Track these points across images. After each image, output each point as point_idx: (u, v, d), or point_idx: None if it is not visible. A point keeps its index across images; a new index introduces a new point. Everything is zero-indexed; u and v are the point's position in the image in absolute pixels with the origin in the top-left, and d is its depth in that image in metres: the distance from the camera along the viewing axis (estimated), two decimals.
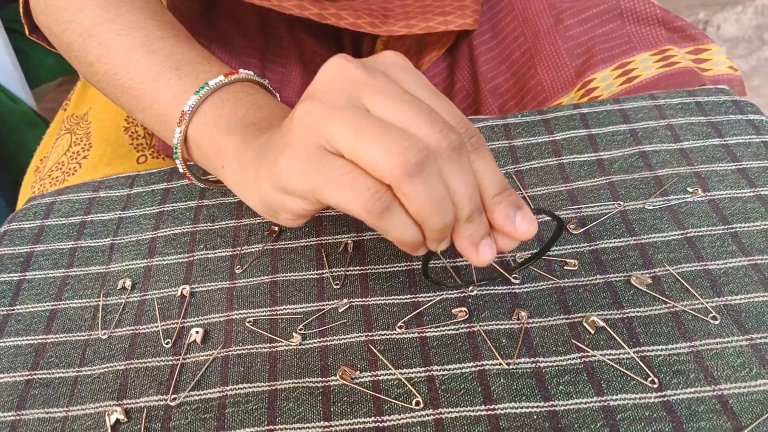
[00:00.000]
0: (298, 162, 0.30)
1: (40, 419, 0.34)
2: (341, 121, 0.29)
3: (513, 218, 0.31)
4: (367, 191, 0.28)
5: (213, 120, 0.38)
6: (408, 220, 0.30)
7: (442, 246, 0.32)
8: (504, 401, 0.32)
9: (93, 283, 0.40)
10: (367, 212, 0.29)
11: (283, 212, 0.33)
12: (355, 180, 0.29)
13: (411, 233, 0.30)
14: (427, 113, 0.29)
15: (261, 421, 0.33)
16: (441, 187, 0.29)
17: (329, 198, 0.29)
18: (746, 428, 0.30)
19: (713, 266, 0.37)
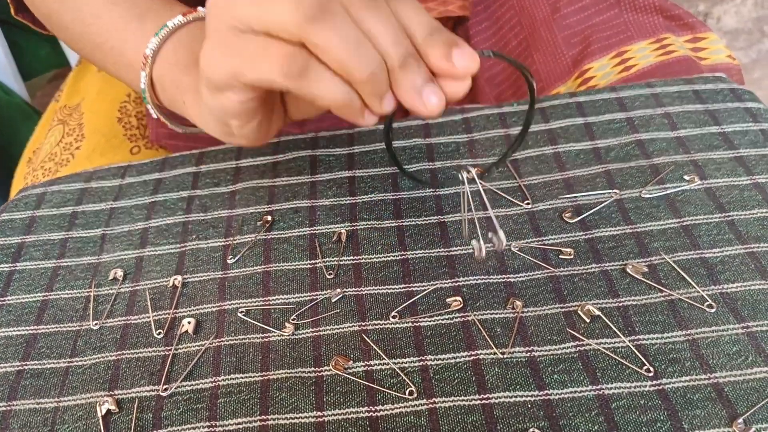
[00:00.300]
0: (215, 49, 0.30)
1: (31, 410, 0.33)
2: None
3: (450, 55, 0.29)
4: (281, 56, 0.28)
5: (173, 59, 0.38)
6: (333, 77, 0.29)
7: (385, 104, 0.30)
8: (498, 390, 0.32)
9: (84, 274, 0.40)
10: (286, 76, 0.28)
11: (231, 119, 0.33)
12: (267, 48, 0.28)
13: (340, 91, 0.29)
14: None
15: (253, 411, 0.32)
16: (353, 29, 0.28)
17: (249, 74, 0.29)
18: (741, 416, 0.30)
19: (710, 254, 0.36)
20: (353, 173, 0.44)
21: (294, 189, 0.43)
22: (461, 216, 0.38)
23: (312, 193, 0.43)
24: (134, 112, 0.59)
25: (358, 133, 0.47)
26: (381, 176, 0.43)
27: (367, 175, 0.44)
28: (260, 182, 0.44)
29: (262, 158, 0.46)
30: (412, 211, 0.41)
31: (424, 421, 0.31)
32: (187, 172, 0.46)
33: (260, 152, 0.46)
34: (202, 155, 0.47)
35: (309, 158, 0.45)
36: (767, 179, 0.39)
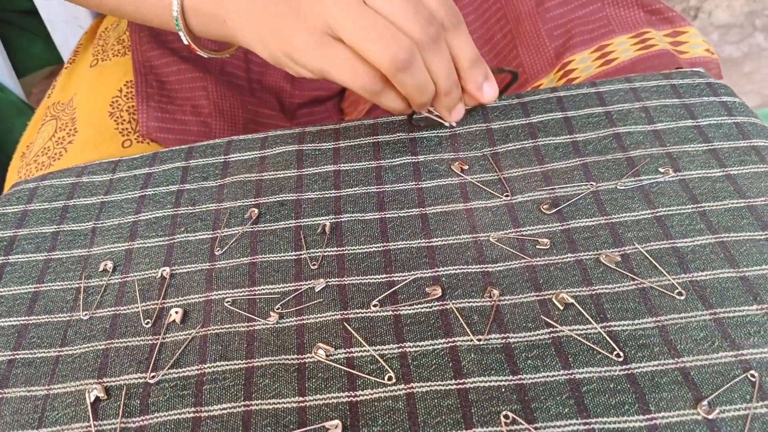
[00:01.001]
0: (309, 46, 0.36)
1: (22, 397, 0.35)
2: (342, 15, 0.35)
3: (482, 87, 0.40)
4: (365, 76, 0.36)
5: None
6: (398, 97, 0.38)
7: (423, 110, 0.41)
8: (473, 375, 0.33)
9: (75, 266, 0.41)
10: (365, 91, 0.37)
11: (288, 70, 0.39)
12: (356, 67, 0.36)
13: (400, 105, 0.39)
14: (413, 8, 0.35)
15: (237, 397, 0.33)
16: (424, 75, 0.37)
17: (334, 78, 0.37)
18: (706, 398, 0.31)
19: (681, 244, 0.37)
20: (338, 167, 0.45)
21: (280, 183, 0.44)
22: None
23: (298, 187, 0.44)
24: (125, 107, 0.60)
25: (344, 128, 0.48)
26: (365, 170, 0.44)
27: (352, 169, 0.45)
28: (248, 176, 0.45)
29: (250, 153, 0.47)
30: (394, 203, 0.42)
31: (401, 405, 0.32)
32: (176, 167, 0.47)
33: (248, 147, 0.47)
34: (191, 150, 0.48)
35: (296, 153, 0.46)
36: (739, 171, 0.41)
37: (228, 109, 0.58)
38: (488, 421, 0.31)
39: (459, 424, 0.31)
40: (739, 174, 0.40)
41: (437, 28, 0.36)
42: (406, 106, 0.39)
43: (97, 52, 0.65)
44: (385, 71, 0.35)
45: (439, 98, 0.39)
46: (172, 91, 0.59)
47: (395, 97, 0.38)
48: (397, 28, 0.35)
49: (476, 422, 0.31)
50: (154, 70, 0.59)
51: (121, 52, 0.63)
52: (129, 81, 0.61)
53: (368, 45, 0.35)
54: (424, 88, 0.37)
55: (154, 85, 0.58)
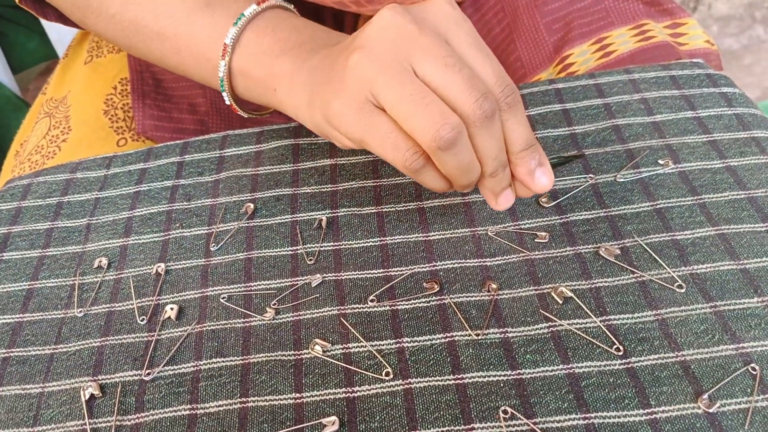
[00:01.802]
0: (349, 111, 0.33)
1: (16, 395, 0.34)
2: (388, 83, 0.31)
3: (533, 173, 0.35)
4: (406, 152, 0.33)
5: (258, 48, 0.39)
6: (439, 176, 0.34)
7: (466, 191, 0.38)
8: (472, 370, 0.33)
9: (69, 263, 0.41)
10: (406, 168, 0.33)
11: (333, 140, 0.37)
12: (397, 141, 0.33)
13: (441, 185, 0.35)
14: (467, 81, 0.31)
15: (234, 393, 0.33)
16: (470, 155, 0.33)
17: (373, 149, 0.33)
18: (707, 392, 0.30)
19: (681, 236, 0.37)
20: (335, 161, 0.44)
21: (276, 177, 0.44)
22: None
23: (294, 181, 0.43)
24: (120, 104, 0.59)
25: None
26: (362, 164, 0.44)
27: (349, 163, 0.44)
28: (243, 171, 0.45)
29: (246, 147, 0.46)
30: (391, 197, 0.42)
31: (399, 401, 0.32)
32: (171, 162, 0.46)
33: (244, 142, 0.47)
34: (186, 145, 0.47)
35: (292, 147, 0.46)
36: (739, 162, 0.40)
37: (224, 107, 0.58)
38: (487, 417, 0.31)
39: (458, 420, 0.31)
40: (740, 165, 0.40)
41: (492, 104, 0.32)
42: (447, 186, 0.35)
43: (92, 48, 0.65)
44: (426, 148, 0.32)
45: (484, 179, 0.35)
46: (169, 89, 0.58)
47: (436, 176, 0.34)
48: (447, 102, 0.32)
49: (475, 417, 0.31)
50: (149, 67, 0.58)
51: (116, 49, 0.63)
52: (124, 78, 0.60)
53: (411, 118, 0.31)
54: (468, 170, 0.33)
55: (150, 83, 0.58)
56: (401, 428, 0.31)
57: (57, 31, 0.74)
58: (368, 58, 0.32)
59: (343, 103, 0.33)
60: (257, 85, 0.40)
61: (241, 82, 0.41)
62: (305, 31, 0.40)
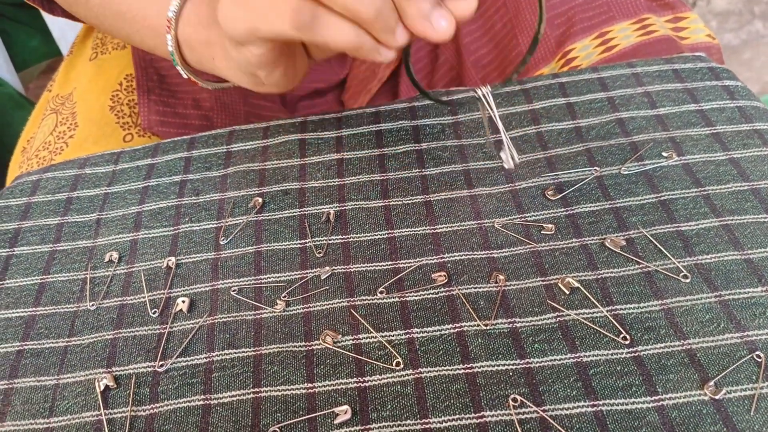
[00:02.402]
0: (230, 9, 0.32)
1: (32, 387, 0.35)
2: None
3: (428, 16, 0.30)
4: (289, 10, 0.29)
5: (195, 19, 0.40)
6: (341, 22, 0.30)
7: (398, 37, 0.31)
8: (481, 360, 0.33)
9: (80, 257, 0.41)
10: (297, 29, 0.30)
11: (255, 70, 0.35)
12: (276, 3, 0.30)
13: (351, 33, 0.30)
14: None
15: (246, 384, 0.34)
16: None
17: (263, 29, 0.31)
18: (712, 379, 0.31)
19: (686, 227, 0.37)
20: (341, 155, 0.45)
21: (284, 172, 0.44)
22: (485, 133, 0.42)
23: (301, 176, 0.44)
24: (126, 101, 0.60)
25: (345, 116, 0.48)
26: (368, 158, 0.44)
27: (355, 157, 0.45)
28: (251, 166, 0.45)
29: (252, 143, 0.47)
30: (398, 191, 0.42)
31: (410, 390, 0.32)
32: (178, 157, 0.47)
33: (250, 137, 0.47)
34: (193, 141, 0.48)
35: (298, 141, 0.46)
36: (742, 154, 0.41)
37: (229, 102, 0.58)
38: (497, 405, 0.31)
39: (468, 408, 0.31)
40: (743, 157, 0.40)
41: None
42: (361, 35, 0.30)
43: (96, 45, 0.65)
44: None
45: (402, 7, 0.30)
46: (173, 85, 0.59)
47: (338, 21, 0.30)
48: None
49: (485, 406, 0.31)
50: (153, 63, 0.58)
51: (120, 45, 0.63)
52: (129, 74, 0.60)
53: None
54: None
55: (155, 79, 0.58)
56: (412, 416, 0.31)
57: (60, 28, 0.75)
58: None
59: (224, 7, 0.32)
60: (201, 56, 0.41)
61: (189, 54, 0.42)
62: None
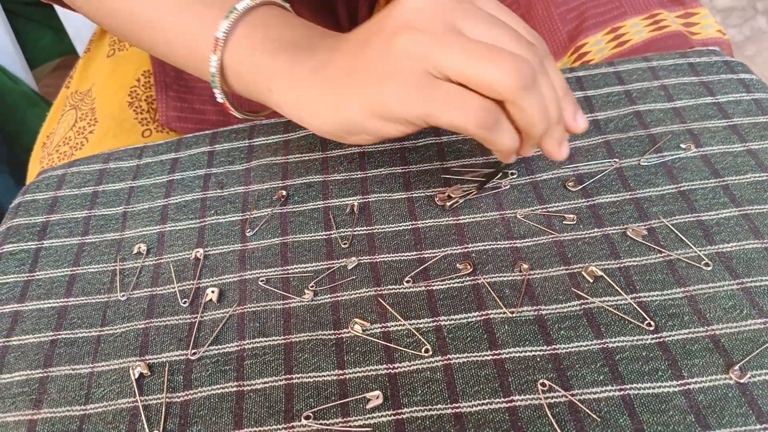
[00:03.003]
0: (409, 90, 0.32)
1: (67, 375, 0.35)
2: (450, 48, 0.31)
3: (576, 116, 0.36)
4: (479, 109, 0.32)
5: (249, 44, 0.38)
6: (513, 131, 0.34)
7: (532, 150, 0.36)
8: (508, 346, 0.34)
9: (109, 249, 0.42)
10: (479, 127, 0.32)
11: (366, 135, 0.35)
12: (466, 101, 0.32)
13: (514, 142, 0.34)
14: (513, 33, 0.33)
15: (278, 371, 0.34)
16: (547, 91, 0.33)
17: (443, 119, 0.32)
18: (737, 364, 0.32)
19: (706, 217, 0.38)
20: (363, 149, 0.45)
21: (306, 165, 0.45)
22: None
23: (324, 169, 0.45)
24: (144, 96, 0.60)
25: None
26: (390, 151, 0.45)
27: (377, 151, 0.45)
28: (273, 159, 0.46)
29: (274, 137, 0.47)
30: (420, 183, 0.43)
31: (440, 376, 0.33)
32: (202, 152, 0.47)
33: (272, 131, 0.48)
34: (215, 135, 0.48)
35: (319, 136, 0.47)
36: (760, 146, 0.41)
37: (245, 98, 0.58)
38: (526, 389, 0.32)
39: (497, 393, 0.32)
40: (760, 149, 0.41)
41: (540, 50, 0.33)
42: (517, 144, 0.35)
43: (114, 42, 0.65)
44: (510, 92, 0.31)
45: (551, 129, 0.35)
46: (190, 81, 0.59)
47: (511, 130, 0.34)
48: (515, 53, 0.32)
49: (514, 390, 0.32)
50: None
51: None
52: (146, 70, 0.61)
53: (485, 73, 0.31)
54: (545, 112, 0.33)
55: (172, 75, 0.59)
56: (443, 401, 0.32)
57: (74, 25, 0.75)
58: (418, 35, 0.32)
59: (399, 85, 0.32)
60: (250, 83, 0.39)
61: (233, 79, 0.39)
62: (299, 29, 0.39)
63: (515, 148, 0.35)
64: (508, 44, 0.32)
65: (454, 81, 0.32)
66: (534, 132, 0.34)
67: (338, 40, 0.37)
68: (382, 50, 0.33)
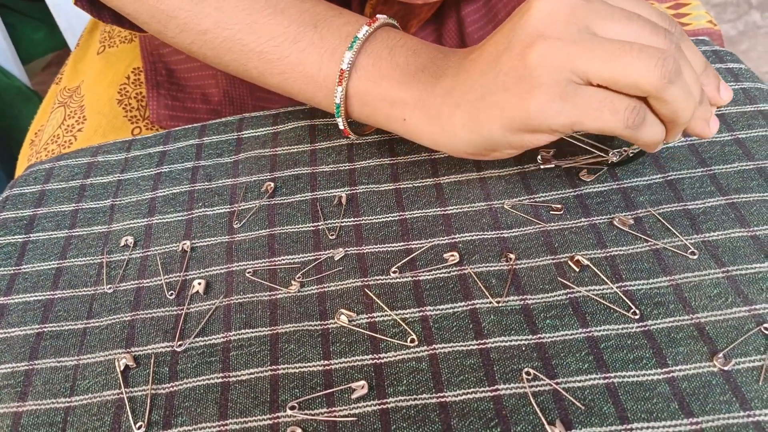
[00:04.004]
0: (553, 102, 0.32)
1: (52, 368, 0.35)
2: (589, 53, 0.31)
3: (719, 89, 0.36)
4: (626, 110, 0.32)
5: (376, 73, 0.37)
6: (659, 124, 0.33)
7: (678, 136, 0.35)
8: (494, 335, 0.34)
9: (96, 242, 0.42)
10: (628, 128, 0.32)
11: (509, 149, 0.36)
12: (613, 103, 0.32)
13: (660, 134, 0.34)
14: (648, 24, 0.32)
15: (264, 362, 0.34)
16: (690, 76, 0.33)
17: (591, 126, 0.32)
18: (721, 351, 0.32)
19: (692, 206, 0.38)
20: (351, 141, 0.45)
21: (294, 157, 0.45)
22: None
23: (312, 161, 0.45)
24: (134, 94, 0.60)
25: None
26: (378, 143, 0.45)
27: (365, 142, 0.45)
28: (261, 152, 0.46)
29: (263, 129, 0.47)
30: (408, 174, 0.43)
31: (425, 366, 0.33)
32: (190, 144, 0.47)
33: (260, 124, 0.48)
34: (203, 128, 0.48)
35: (308, 128, 0.47)
36: (747, 135, 0.41)
37: (237, 97, 0.58)
38: (510, 378, 0.32)
39: (482, 382, 0.32)
40: (748, 137, 0.41)
41: (675, 35, 0.33)
42: (663, 135, 0.34)
43: (104, 38, 0.65)
44: (655, 90, 0.31)
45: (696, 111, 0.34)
46: (182, 79, 0.59)
47: (657, 124, 0.33)
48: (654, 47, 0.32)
49: (499, 379, 0.32)
50: (162, 58, 0.59)
51: (128, 39, 0.64)
52: (136, 68, 0.61)
53: (629, 72, 0.31)
54: (690, 96, 0.32)
55: (163, 73, 0.59)
56: (428, 391, 0.32)
57: (67, 20, 0.75)
58: (554, 44, 0.31)
59: (543, 99, 0.32)
60: (378, 112, 0.38)
61: (358, 108, 0.39)
62: (423, 53, 0.38)
63: (662, 139, 0.34)
64: (646, 38, 0.32)
65: (595, 85, 0.32)
66: (681, 120, 0.33)
67: (463, 59, 0.36)
68: (517, 67, 0.32)
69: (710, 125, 0.36)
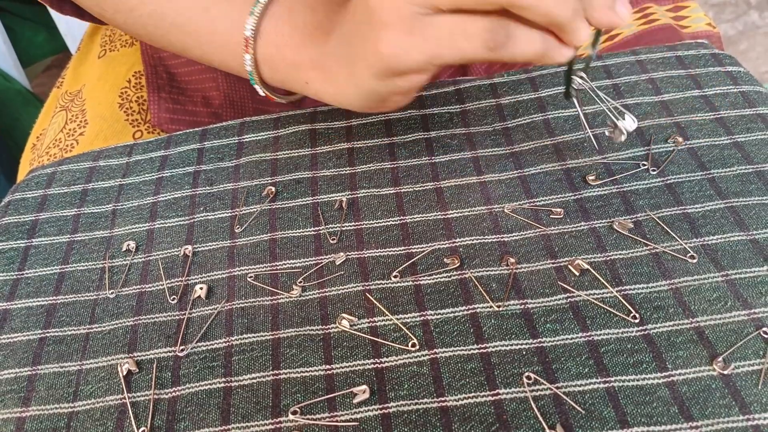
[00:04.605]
0: (401, 40, 0.30)
1: (55, 373, 0.36)
2: None
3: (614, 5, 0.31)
4: (483, 31, 0.29)
5: (279, 38, 0.37)
6: (531, 33, 0.30)
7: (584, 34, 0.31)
8: (495, 340, 0.34)
9: (98, 247, 0.42)
10: (491, 49, 0.29)
11: (394, 96, 0.34)
12: (465, 27, 0.29)
13: (540, 41, 0.30)
14: None
15: (266, 366, 0.34)
16: None
17: (448, 56, 0.29)
18: (721, 355, 0.32)
19: (692, 210, 0.38)
20: (352, 145, 0.46)
21: (295, 161, 0.45)
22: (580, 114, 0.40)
23: (313, 165, 0.45)
24: (135, 97, 0.60)
25: None
26: (378, 147, 0.45)
27: (365, 146, 0.45)
28: (263, 156, 0.46)
29: (264, 133, 0.47)
30: (409, 178, 0.43)
31: (426, 370, 0.33)
32: (191, 149, 0.47)
33: (261, 128, 0.48)
34: (205, 132, 0.48)
35: (309, 132, 0.47)
36: (746, 138, 0.42)
37: (238, 100, 0.58)
38: (511, 383, 0.32)
39: (483, 386, 0.32)
40: (747, 141, 0.41)
41: None
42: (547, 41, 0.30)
43: (105, 42, 0.65)
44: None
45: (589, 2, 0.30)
46: (182, 83, 0.59)
47: (529, 33, 0.29)
48: None
49: (500, 384, 0.32)
50: (163, 61, 0.59)
51: (129, 42, 0.64)
52: (137, 71, 0.61)
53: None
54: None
55: (164, 77, 0.59)
56: (429, 395, 0.32)
57: (66, 24, 0.75)
58: None
59: (391, 39, 0.30)
60: (288, 78, 0.39)
61: (270, 75, 0.39)
62: (320, 8, 0.38)
63: (547, 47, 0.30)
64: None
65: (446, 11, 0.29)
66: (559, 20, 0.29)
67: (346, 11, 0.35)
68: (364, 12, 0.31)
69: (617, 10, 0.30)
